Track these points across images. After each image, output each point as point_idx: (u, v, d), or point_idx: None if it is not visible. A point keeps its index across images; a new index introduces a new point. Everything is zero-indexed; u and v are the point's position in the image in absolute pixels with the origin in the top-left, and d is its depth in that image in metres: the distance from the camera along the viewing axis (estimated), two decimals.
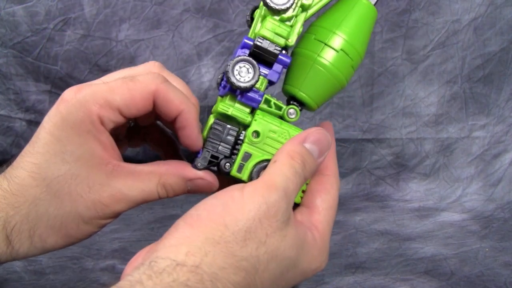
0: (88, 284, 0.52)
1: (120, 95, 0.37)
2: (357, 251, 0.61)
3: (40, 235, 0.38)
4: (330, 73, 0.42)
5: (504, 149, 0.78)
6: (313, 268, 0.39)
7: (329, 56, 0.41)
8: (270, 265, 0.35)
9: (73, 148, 0.37)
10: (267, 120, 0.40)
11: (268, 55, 0.40)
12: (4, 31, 0.80)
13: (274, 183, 0.35)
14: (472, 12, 0.77)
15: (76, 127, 0.37)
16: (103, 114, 0.37)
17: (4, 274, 0.54)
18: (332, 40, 0.41)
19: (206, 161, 0.40)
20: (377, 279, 0.54)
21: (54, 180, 0.37)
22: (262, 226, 0.34)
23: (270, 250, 0.34)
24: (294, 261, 0.37)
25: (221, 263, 0.32)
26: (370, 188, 0.81)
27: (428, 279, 0.53)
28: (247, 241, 0.33)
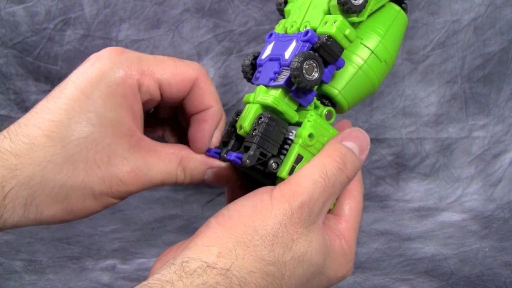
0: (88, 284, 0.52)
1: (166, 68, 0.36)
2: (357, 251, 0.61)
3: (38, 205, 0.33)
4: (369, 80, 0.42)
5: (504, 149, 0.78)
6: (339, 276, 0.38)
7: (372, 63, 0.41)
8: (297, 271, 0.35)
9: (103, 110, 0.33)
10: (320, 122, 0.39)
11: (331, 55, 0.38)
12: (4, 31, 0.80)
13: (299, 187, 0.35)
14: (472, 12, 0.77)
15: (113, 87, 0.34)
16: (144, 81, 0.35)
17: (4, 274, 0.54)
18: (378, 48, 0.41)
19: (256, 158, 0.36)
20: (377, 279, 0.54)
21: (73, 142, 0.33)
22: (288, 232, 0.34)
23: (297, 255, 0.34)
24: (321, 268, 0.36)
25: (250, 267, 0.32)
26: (370, 188, 0.81)
27: (428, 279, 0.54)
28: (274, 245, 0.33)
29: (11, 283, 0.52)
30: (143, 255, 0.58)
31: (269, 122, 0.37)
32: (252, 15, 0.79)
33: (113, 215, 0.72)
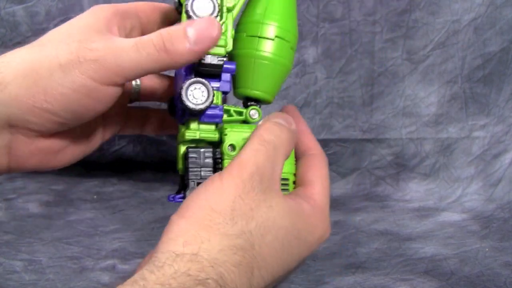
0: (88, 284, 0.52)
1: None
2: (357, 251, 0.61)
3: (3, 79, 0.33)
4: (274, 63, 0.42)
5: (504, 149, 0.78)
6: (316, 237, 0.39)
7: (267, 46, 0.41)
8: (266, 238, 0.35)
9: (85, 17, 0.37)
10: (236, 129, 0.40)
11: (214, 68, 0.39)
12: (4, 31, 0.80)
13: (244, 160, 0.36)
14: (472, 12, 0.77)
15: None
16: (118, 7, 0.39)
17: (4, 274, 0.54)
18: (263, 30, 0.41)
19: (191, 189, 0.40)
20: (377, 279, 0.54)
21: (48, 33, 0.37)
22: (244, 202, 0.34)
23: (260, 222, 0.35)
24: (292, 231, 0.37)
25: (218, 246, 0.33)
26: (370, 188, 0.81)
27: (428, 279, 0.54)
28: (235, 218, 0.34)
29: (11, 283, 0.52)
30: (143, 255, 0.58)
31: (192, 155, 0.39)
32: None
33: (113, 215, 0.72)
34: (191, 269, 0.31)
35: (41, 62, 0.34)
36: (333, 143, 0.82)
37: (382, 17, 0.79)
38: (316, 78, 0.81)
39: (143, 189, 0.82)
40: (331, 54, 0.80)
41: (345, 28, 0.80)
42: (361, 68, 0.80)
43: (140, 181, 0.85)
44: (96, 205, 0.76)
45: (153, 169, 0.86)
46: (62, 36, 0.36)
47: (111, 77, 0.34)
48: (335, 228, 0.68)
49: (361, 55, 0.80)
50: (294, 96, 0.81)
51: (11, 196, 0.77)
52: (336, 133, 0.82)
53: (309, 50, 0.80)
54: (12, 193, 0.78)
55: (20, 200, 0.76)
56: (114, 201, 0.77)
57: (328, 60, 0.80)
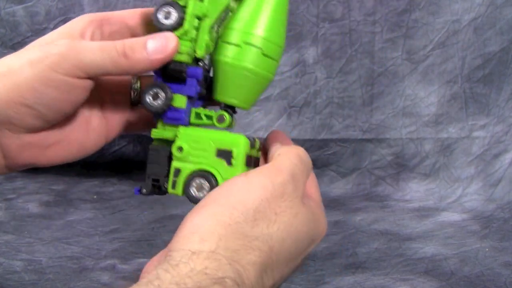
0: (88, 284, 0.52)
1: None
2: (357, 251, 0.61)
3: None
4: (265, 79, 0.42)
5: (504, 149, 0.78)
6: (319, 233, 0.39)
7: (263, 63, 0.41)
8: (286, 242, 0.35)
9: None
10: (190, 132, 0.41)
11: (176, 74, 0.41)
12: (4, 31, 0.80)
13: (280, 167, 0.36)
14: (472, 12, 0.77)
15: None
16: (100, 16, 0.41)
17: (4, 274, 0.54)
18: (231, 36, 0.41)
19: (149, 185, 0.42)
20: (377, 279, 0.54)
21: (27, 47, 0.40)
22: (270, 206, 0.34)
23: (283, 227, 0.34)
24: (308, 234, 0.37)
25: (235, 244, 0.32)
26: (370, 188, 0.81)
27: (428, 279, 0.54)
28: (257, 220, 0.34)
29: (11, 283, 0.52)
30: (143, 255, 0.58)
31: (151, 151, 0.42)
32: None
33: (113, 215, 0.72)
34: (208, 268, 0.30)
35: (15, 62, 0.37)
36: (333, 143, 0.82)
37: (382, 17, 0.79)
38: (316, 78, 0.81)
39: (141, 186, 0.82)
40: (331, 54, 0.80)
41: (345, 28, 0.80)
42: (361, 68, 0.80)
43: (140, 181, 0.84)
44: (96, 205, 0.76)
45: None
46: (36, 43, 0.40)
47: (73, 70, 0.37)
48: (335, 228, 0.68)
49: (361, 55, 0.80)
50: (294, 96, 0.81)
51: (11, 196, 0.77)
52: (336, 133, 0.82)
53: (309, 50, 0.80)
54: (12, 193, 0.78)
55: (20, 200, 0.76)
56: (114, 201, 0.77)
57: (328, 60, 0.80)
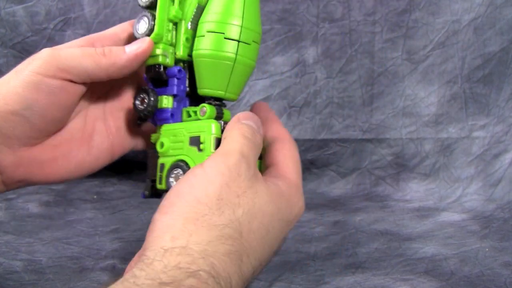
0: (88, 284, 0.52)
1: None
2: (357, 251, 0.61)
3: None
4: (247, 66, 0.42)
5: (504, 149, 0.78)
6: (294, 214, 0.39)
7: (243, 51, 0.41)
8: (253, 225, 0.35)
9: None
10: (169, 127, 0.42)
11: (157, 76, 0.43)
12: (4, 31, 0.80)
13: (229, 149, 0.37)
14: (472, 12, 0.77)
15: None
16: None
17: (4, 274, 0.54)
18: (242, 35, 0.41)
19: (149, 187, 0.44)
20: (377, 279, 0.54)
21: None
22: (230, 190, 0.35)
23: (247, 209, 0.35)
24: (276, 215, 0.37)
25: (207, 237, 0.33)
26: (370, 188, 0.81)
27: (428, 279, 0.54)
28: (222, 208, 0.34)
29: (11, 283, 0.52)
30: None
31: (149, 155, 0.44)
32: None
33: (113, 215, 0.72)
34: (181, 262, 0.31)
35: (4, 76, 0.39)
36: (333, 143, 0.82)
37: (382, 17, 0.79)
38: (316, 78, 0.81)
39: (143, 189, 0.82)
40: (331, 54, 0.80)
41: (345, 28, 0.80)
42: (361, 68, 0.80)
43: (140, 181, 0.85)
44: (96, 205, 0.76)
45: None
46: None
47: (56, 72, 0.38)
48: (335, 228, 0.68)
49: (361, 55, 0.80)
50: (294, 96, 0.81)
51: (11, 196, 0.77)
52: (336, 133, 0.82)
53: (309, 50, 0.80)
54: (12, 193, 0.78)
55: (20, 200, 0.76)
56: (114, 201, 0.77)
57: (328, 60, 0.81)
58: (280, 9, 0.79)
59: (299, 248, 0.62)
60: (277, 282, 0.53)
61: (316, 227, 0.69)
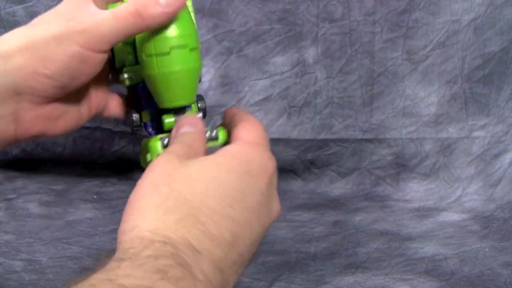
0: None
1: None
2: (357, 251, 0.61)
3: (5, 53, 0.39)
4: (195, 71, 0.43)
5: (504, 149, 0.78)
6: (263, 166, 0.39)
7: (165, 62, 0.42)
8: (196, 189, 0.35)
9: None
10: (142, 143, 0.46)
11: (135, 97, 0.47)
12: (4, 31, 0.79)
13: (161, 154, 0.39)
14: (472, 12, 0.77)
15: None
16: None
17: (4, 274, 0.54)
18: (157, 47, 0.42)
19: None
20: (377, 279, 0.54)
21: (45, 14, 0.41)
22: (162, 174, 0.36)
23: (184, 180, 0.36)
24: (234, 173, 0.37)
25: (173, 219, 0.34)
26: (370, 188, 0.81)
27: (428, 279, 0.54)
28: (157, 189, 0.35)
29: (11, 283, 0.52)
30: None
31: None
32: (252, 15, 0.79)
33: (113, 215, 0.72)
34: (135, 244, 0.33)
35: (38, 37, 0.39)
36: (333, 143, 0.82)
37: (382, 17, 0.79)
38: (316, 78, 0.81)
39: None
40: (331, 54, 0.80)
41: (345, 28, 0.80)
42: (361, 68, 0.80)
43: None
44: (96, 205, 0.76)
45: None
46: (53, 16, 0.40)
47: (96, 44, 0.39)
48: (335, 228, 0.68)
49: (361, 55, 0.80)
50: (294, 96, 0.81)
51: (11, 196, 0.77)
52: (336, 133, 0.82)
53: (309, 50, 0.80)
54: (12, 193, 0.78)
55: (20, 200, 0.76)
56: (114, 201, 0.77)
57: (328, 60, 0.80)
58: (280, 9, 0.79)
59: (299, 248, 0.62)
60: (277, 282, 0.53)
61: (316, 227, 0.69)
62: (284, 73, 0.81)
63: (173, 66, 0.41)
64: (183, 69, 0.41)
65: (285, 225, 0.69)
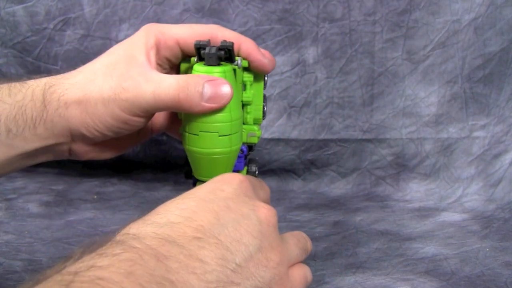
0: None
1: (183, 29, 0.47)
2: (358, 251, 0.61)
3: (66, 101, 0.45)
4: (203, 155, 0.45)
5: (505, 149, 0.78)
6: (231, 178, 0.44)
7: (194, 142, 0.45)
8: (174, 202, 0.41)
9: (124, 50, 0.47)
10: None
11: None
12: (4, 31, 0.80)
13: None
14: (472, 12, 0.77)
15: (134, 39, 0.47)
16: (161, 38, 0.47)
17: (4, 274, 0.54)
18: (191, 128, 0.45)
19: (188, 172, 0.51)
20: (378, 279, 0.54)
21: (98, 63, 0.47)
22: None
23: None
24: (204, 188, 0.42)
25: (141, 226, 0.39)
26: (370, 188, 0.81)
27: (429, 279, 0.54)
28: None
29: (11, 283, 0.52)
30: None
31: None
32: (252, 15, 0.79)
33: (114, 215, 0.72)
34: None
35: (90, 94, 0.44)
36: (333, 143, 0.82)
37: (382, 17, 0.79)
38: (316, 78, 0.81)
39: (143, 189, 0.82)
40: (331, 54, 0.80)
41: (345, 28, 0.79)
42: (361, 68, 0.80)
43: (140, 181, 0.85)
44: (96, 205, 0.76)
45: (153, 169, 0.86)
46: (109, 68, 0.45)
47: (137, 112, 0.44)
48: (335, 228, 0.68)
49: (361, 55, 0.80)
50: (294, 96, 0.81)
51: (11, 196, 0.77)
52: (336, 133, 0.82)
53: (309, 50, 0.80)
54: (12, 193, 0.78)
55: (20, 200, 0.76)
56: (114, 201, 0.77)
57: (328, 60, 0.80)
58: (280, 9, 0.79)
59: None
60: None
61: (316, 227, 0.69)
62: (284, 73, 0.81)
63: (200, 146, 0.44)
64: (209, 152, 0.44)
65: (285, 225, 0.69)
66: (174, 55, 0.48)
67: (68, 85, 0.45)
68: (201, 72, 0.43)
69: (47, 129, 0.45)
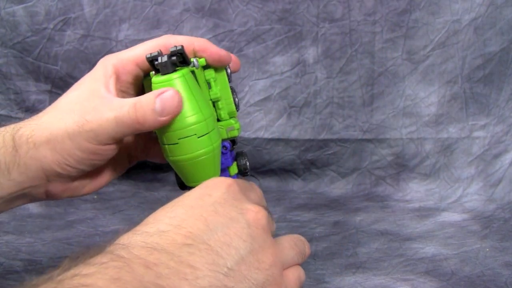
0: None
1: (136, 49, 0.48)
2: (358, 251, 0.61)
3: (35, 142, 0.44)
4: (185, 161, 0.45)
5: (505, 149, 0.78)
6: (214, 183, 0.44)
7: (174, 151, 0.45)
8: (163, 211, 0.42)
9: (87, 85, 0.47)
10: None
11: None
12: (4, 31, 0.80)
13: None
14: (472, 12, 0.77)
15: (94, 73, 0.47)
16: (118, 65, 0.47)
17: (4, 274, 0.54)
18: (166, 139, 0.45)
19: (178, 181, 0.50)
20: (378, 279, 0.54)
21: (63, 100, 0.47)
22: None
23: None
24: (193, 194, 0.42)
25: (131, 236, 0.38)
26: (370, 188, 0.81)
27: (429, 279, 0.54)
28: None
29: (11, 283, 0.52)
30: None
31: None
32: (252, 15, 0.79)
33: (114, 215, 0.72)
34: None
35: (57, 131, 0.44)
36: (333, 143, 0.82)
37: (382, 17, 0.79)
38: (316, 78, 0.81)
39: (143, 189, 0.82)
40: (331, 54, 0.80)
41: (345, 28, 0.80)
42: (361, 68, 0.80)
43: (140, 181, 0.85)
44: (96, 205, 0.76)
45: (153, 169, 0.86)
46: (72, 104, 0.46)
47: (103, 140, 0.44)
48: (336, 228, 0.68)
49: (361, 55, 0.80)
50: (294, 96, 0.81)
51: None
52: (336, 133, 0.82)
53: (309, 50, 0.80)
54: None
55: None
56: (114, 201, 0.77)
57: (328, 60, 0.80)
58: (280, 9, 0.79)
59: None
60: None
61: (317, 227, 0.69)
62: (284, 73, 0.81)
63: (183, 154, 0.44)
64: (193, 156, 0.44)
65: (285, 225, 0.69)
66: (136, 77, 0.48)
67: (34, 126, 0.45)
68: (160, 82, 0.44)
69: (22, 173, 0.44)
